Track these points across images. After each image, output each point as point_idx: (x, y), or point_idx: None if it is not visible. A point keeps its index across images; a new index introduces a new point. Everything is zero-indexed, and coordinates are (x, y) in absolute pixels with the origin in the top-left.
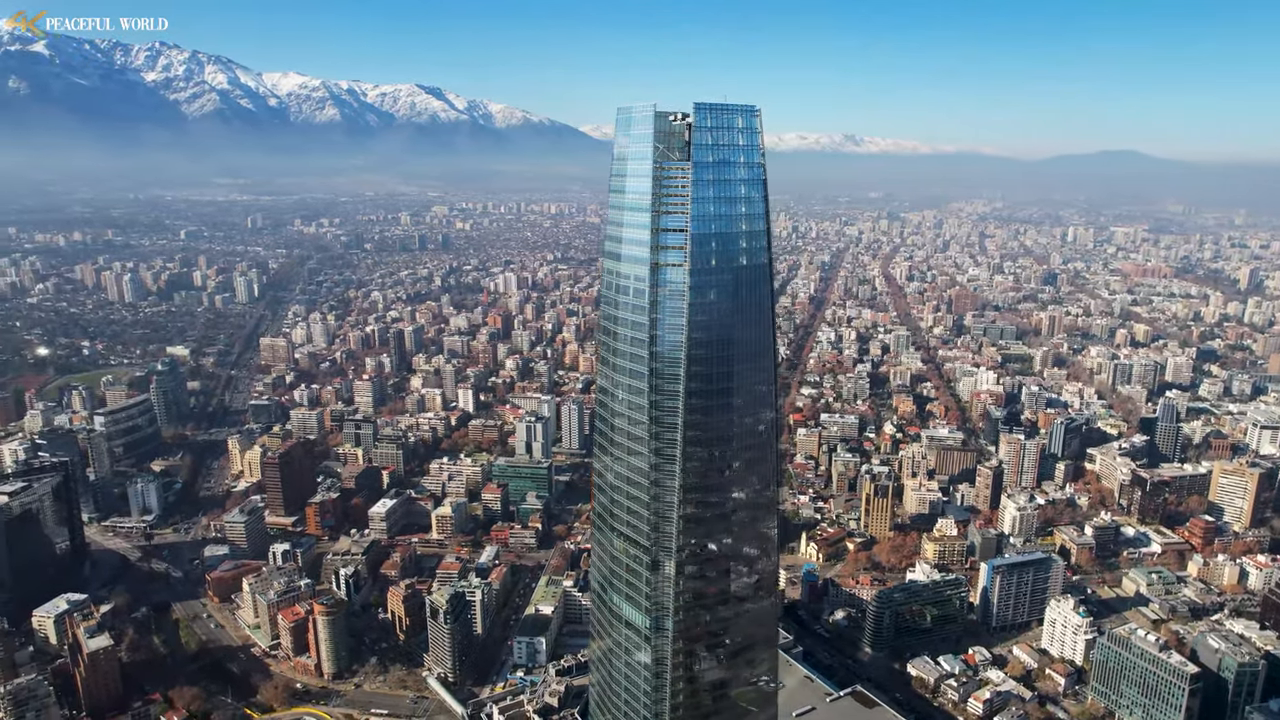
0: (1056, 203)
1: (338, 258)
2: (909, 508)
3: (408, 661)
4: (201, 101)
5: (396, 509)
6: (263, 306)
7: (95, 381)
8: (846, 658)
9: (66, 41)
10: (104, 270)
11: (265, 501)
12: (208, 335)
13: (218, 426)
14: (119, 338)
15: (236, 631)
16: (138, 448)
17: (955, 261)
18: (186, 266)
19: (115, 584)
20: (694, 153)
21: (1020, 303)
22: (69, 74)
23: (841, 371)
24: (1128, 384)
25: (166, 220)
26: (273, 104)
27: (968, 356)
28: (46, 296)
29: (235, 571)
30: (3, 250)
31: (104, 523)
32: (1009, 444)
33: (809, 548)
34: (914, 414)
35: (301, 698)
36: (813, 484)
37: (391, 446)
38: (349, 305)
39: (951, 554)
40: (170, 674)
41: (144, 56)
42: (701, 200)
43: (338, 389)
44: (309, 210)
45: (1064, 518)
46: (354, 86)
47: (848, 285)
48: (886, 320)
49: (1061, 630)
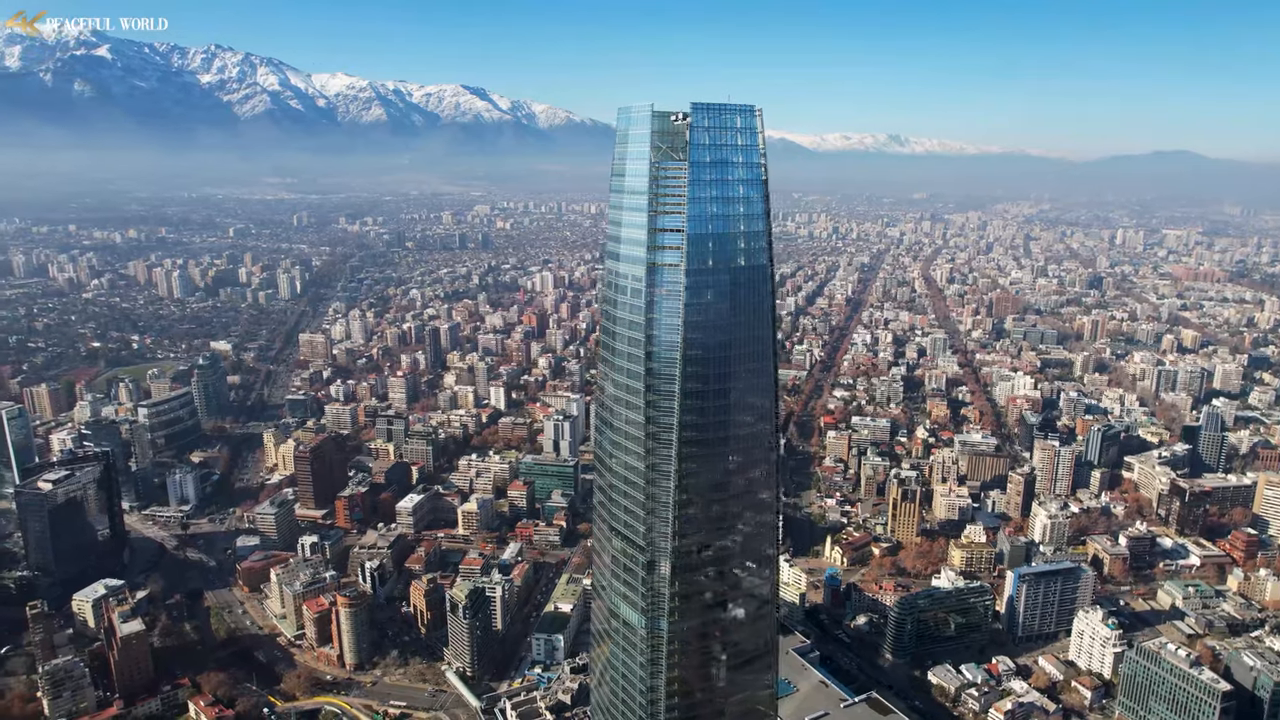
0: (1106, 204)
1: (379, 256)
2: (938, 513)
3: (428, 655)
4: (253, 102)
5: (424, 504)
6: (304, 303)
7: (141, 375)
8: (867, 663)
9: (128, 45)
10: (155, 267)
11: (296, 494)
12: (250, 331)
13: (255, 420)
14: (166, 332)
15: (264, 621)
16: (178, 439)
17: (998, 264)
18: (233, 263)
19: (152, 571)
20: (691, 152)
21: (1063, 306)
22: (130, 77)
23: (876, 374)
24: (1172, 391)
25: (217, 218)
26: (321, 104)
27: (1006, 361)
28: (101, 292)
29: (264, 562)
30: (63, 247)
31: (144, 511)
32: (1043, 450)
33: (833, 551)
34: (948, 418)
35: (324, 687)
36: (840, 487)
37: (422, 442)
38: (388, 302)
39: (979, 561)
40: (199, 660)
41: (200, 59)
42: (698, 200)
43: (373, 385)
44: (353, 209)
45: (1098, 527)
46: (400, 87)
47: (886, 287)
48: (924, 323)
49: (1089, 642)
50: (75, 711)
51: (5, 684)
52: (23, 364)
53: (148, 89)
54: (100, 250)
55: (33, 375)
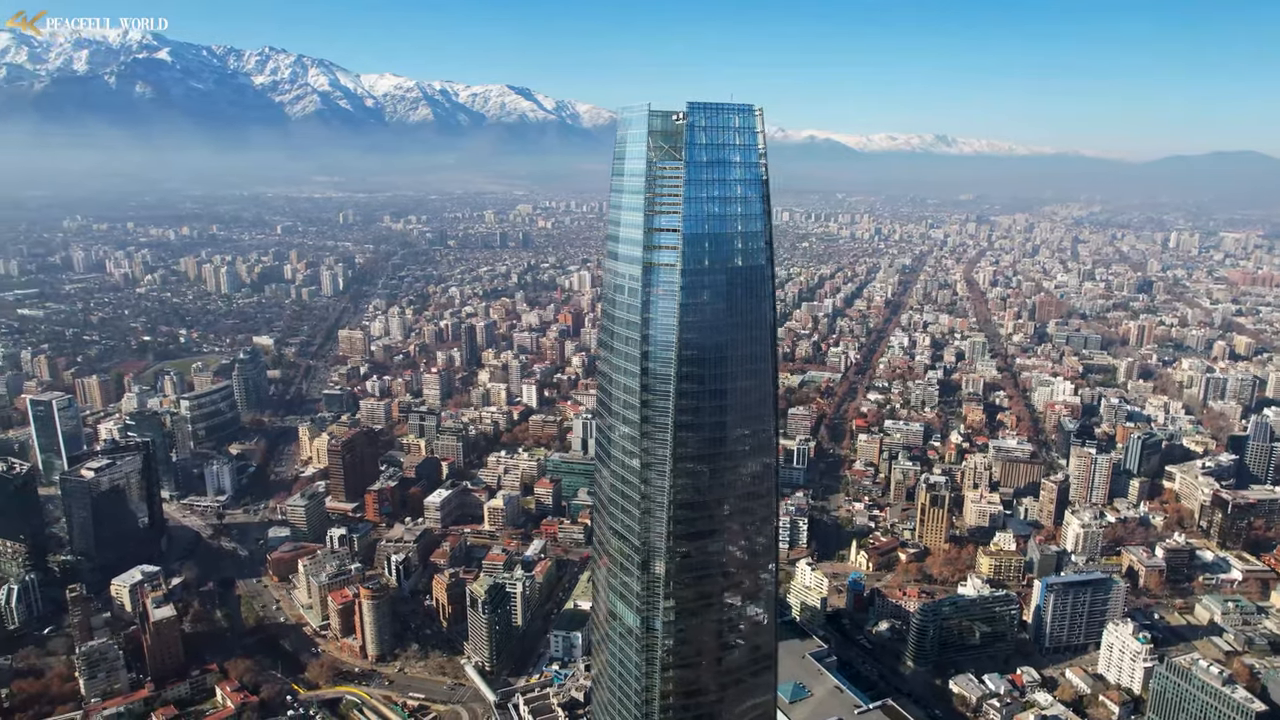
0: (1161, 206)
1: (421, 254)
2: (968, 520)
3: (449, 648)
4: (304, 103)
5: (451, 499)
6: (346, 299)
7: (186, 368)
8: (888, 670)
9: (187, 48)
10: (204, 263)
11: (328, 487)
12: (292, 326)
13: (293, 414)
14: (212, 327)
15: (291, 610)
16: (218, 431)
17: (1043, 267)
18: (279, 260)
19: (187, 559)
20: (687, 152)
21: (1109, 311)
22: (188, 79)
23: (911, 378)
24: (1221, 399)
25: (266, 216)
26: (369, 104)
27: (1047, 366)
28: (153, 287)
29: (293, 553)
30: (120, 243)
31: (182, 501)
32: (1079, 457)
33: (859, 556)
34: (983, 423)
35: (346, 677)
36: (869, 491)
37: (452, 438)
38: (427, 300)
39: (1008, 569)
40: (228, 646)
41: (254, 61)
42: (694, 200)
43: (408, 381)
44: (398, 207)
45: (1135, 538)
46: (446, 87)
47: (927, 289)
48: (964, 326)
49: (1119, 655)
50: (109, 692)
51: (46, 663)
52: (77, 356)
53: (204, 90)
54: (155, 247)
55: (86, 367)
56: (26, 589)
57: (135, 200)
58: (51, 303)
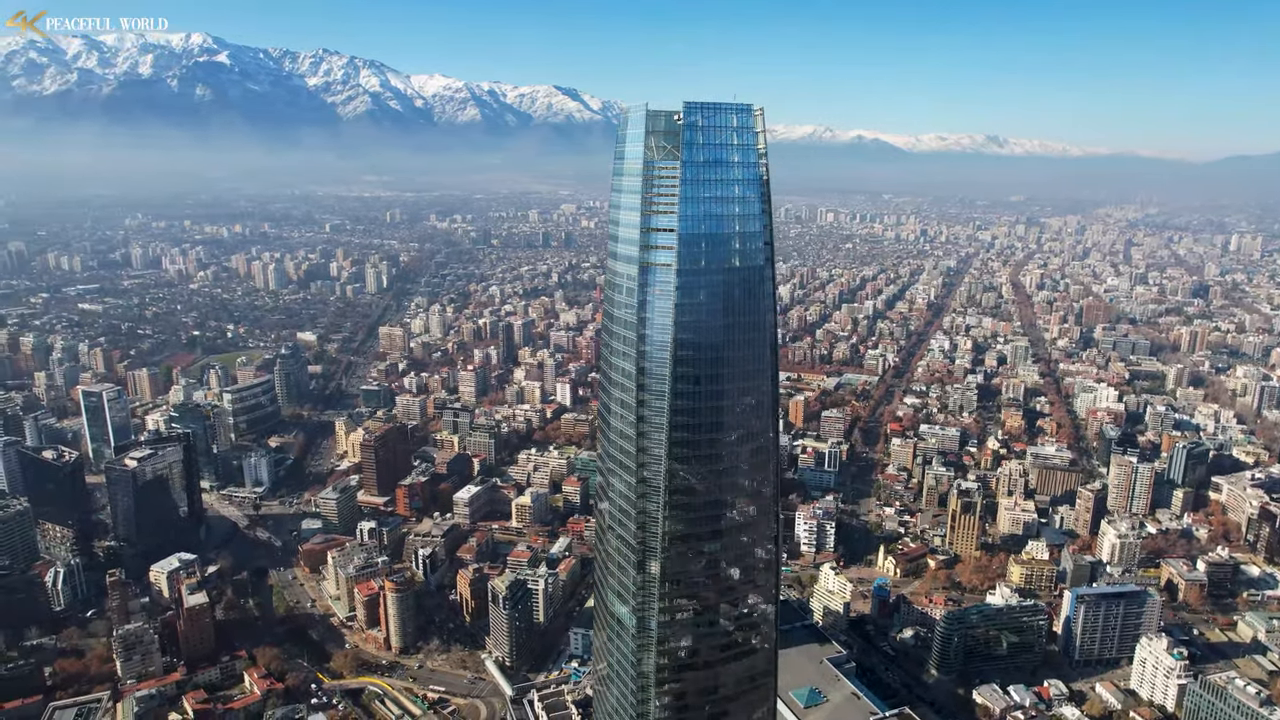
0: (1222, 208)
1: (465, 252)
2: (1001, 527)
3: (471, 643)
4: (355, 103)
5: (480, 496)
6: (389, 297)
7: (232, 362)
8: (911, 678)
9: (244, 51)
10: (254, 260)
11: (361, 481)
12: (335, 322)
13: (332, 408)
14: (259, 322)
15: (320, 601)
16: (259, 424)
17: (1094, 270)
18: (325, 258)
19: (224, 548)
20: (684, 151)
21: (1161, 316)
22: (245, 81)
23: (951, 381)
24: (1277, 409)
25: (316, 214)
26: (419, 105)
27: (1091, 372)
28: (205, 283)
29: (324, 545)
30: (176, 241)
31: (222, 491)
32: (1119, 466)
33: (886, 561)
34: (1022, 430)
35: (369, 668)
36: (901, 496)
37: (484, 435)
38: (468, 298)
39: (1039, 579)
40: (258, 634)
41: (309, 62)
42: (691, 200)
43: (444, 378)
44: (444, 206)
45: (1176, 550)
46: (494, 88)
47: (971, 292)
48: (1008, 330)
49: (1152, 671)
50: (144, 674)
51: (87, 644)
52: (130, 349)
53: (260, 92)
54: (208, 244)
55: (138, 360)
56: (72, 572)
57: (192, 199)
58: (110, 297)
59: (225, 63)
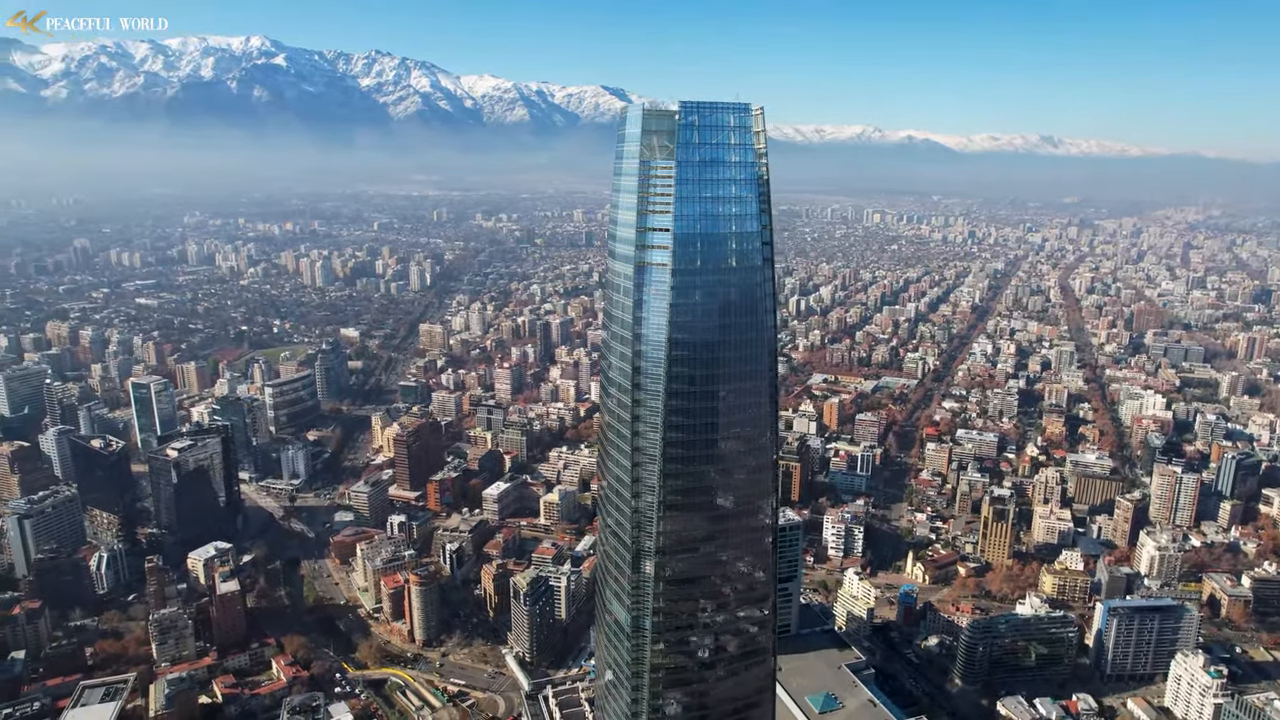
0: None
1: (508, 251)
2: (1036, 536)
3: (493, 637)
4: (406, 104)
5: (509, 492)
6: (432, 294)
7: (275, 356)
8: (934, 687)
9: (300, 53)
10: (302, 257)
11: (394, 475)
12: (378, 319)
13: (370, 403)
14: (304, 318)
15: (348, 592)
16: (299, 418)
17: (1148, 274)
18: (371, 255)
19: (259, 538)
20: (679, 151)
21: (1218, 321)
22: (301, 82)
23: (991, 386)
24: None
25: (365, 213)
26: (468, 105)
27: (1140, 378)
28: (255, 279)
29: (354, 537)
30: (229, 238)
31: (260, 483)
32: (1162, 475)
33: (915, 568)
34: (1063, 436)
35: (392, 659)
36: (934, 502)
37: (517, 432)
38: (509, 296)
39: (1072, 590)
40: (288, 623)
41: (361, 64)
42: (686, 199)
43: (481, 375)
44: (491, 205)
45: (1220, 564)
46: (543, 88)
47: (1018, 295)
48: (1053, 334)
49: (1187, 689)
50: (178, 658)
51: (126, 627)
52: (181, 343)
53: (315, 93)
54: (260, 241)
55: (187, 353)
56: (115, 557)
57: (247, 197)
58: (165, 293)
59: (282, 65)
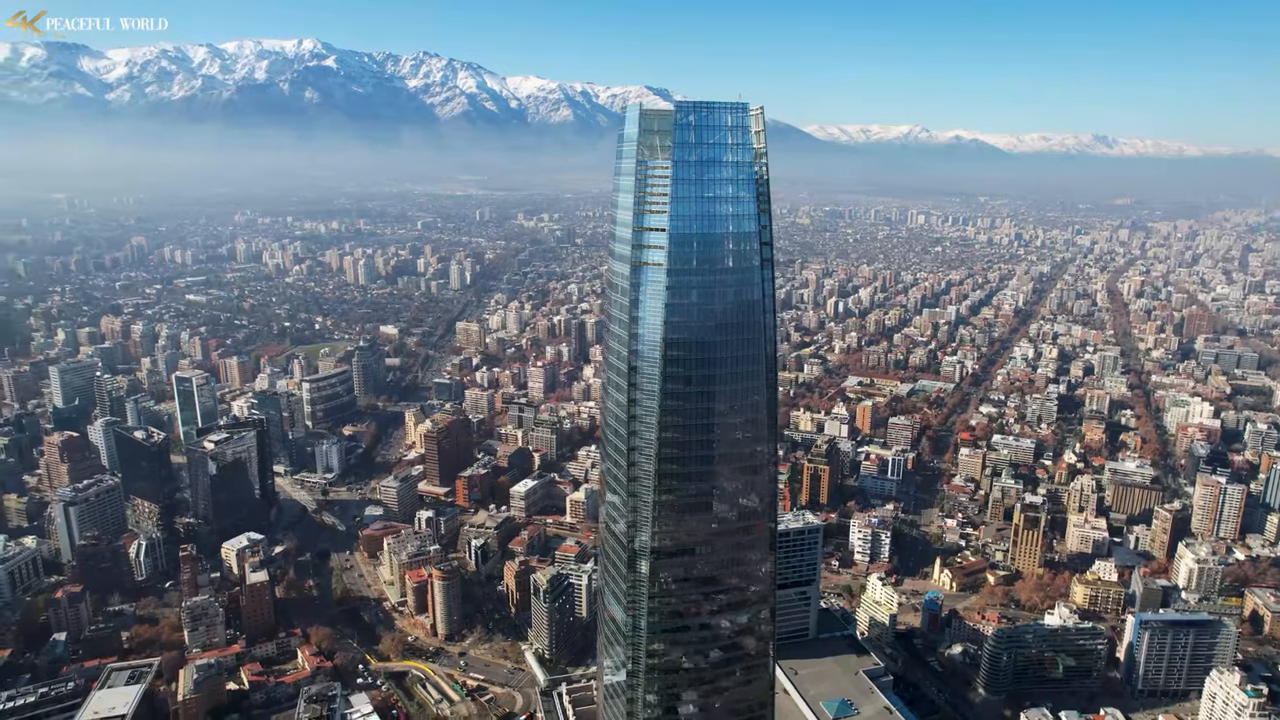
0: None
1: (548, 251)
2: (1069, 545)
3: (514, 633)
4: (452, 104)
5: (536, 490)
6: (471, 293)
7: (315, 353)
8: (957, 696)
9: (350, 55)
10: (346, 255)
11: (424, 471)
12: (418, 317)
13: (405, 400)
14: (346, 315)
15: (375, 585)
16: (335, 413)
17: (1202, 278)
18: (414, 254)
19: (292, 530)
20: (675, 151)
21: (1275, 328)
22: (350, 83)
23: (1031, 391)
24: None
25: (409, 212)
26: (513, 106)
27: (1188, 385)
28: (300, 277)
29: (382, 531)
30: (277, 236)
31: (294, 476)
32: (1205, 485)
33: (942, 575)
34: (1103, 444)
35: (415, 653)
36: (965, 508)
37: (547, 430)
38: (547, 296)
39: (1105, 601)
40: (315, 613)
41: (409, 65)
42: (681, 200)
43: (515, 374)
44: (533, 205)
45: (1266, 579)
46: (587, 89)
47: (1063, 299)
48: (1098, 339)
49: (1222, 708)
50: (208, 644)
51: (161, 613)
52: (226, 338)
53: (364, 94)
54: (306, 239)
55: (231, 348)
56: (153, 545)
57: (296, 196)
58: (214, 289)
59: (332, 66)
